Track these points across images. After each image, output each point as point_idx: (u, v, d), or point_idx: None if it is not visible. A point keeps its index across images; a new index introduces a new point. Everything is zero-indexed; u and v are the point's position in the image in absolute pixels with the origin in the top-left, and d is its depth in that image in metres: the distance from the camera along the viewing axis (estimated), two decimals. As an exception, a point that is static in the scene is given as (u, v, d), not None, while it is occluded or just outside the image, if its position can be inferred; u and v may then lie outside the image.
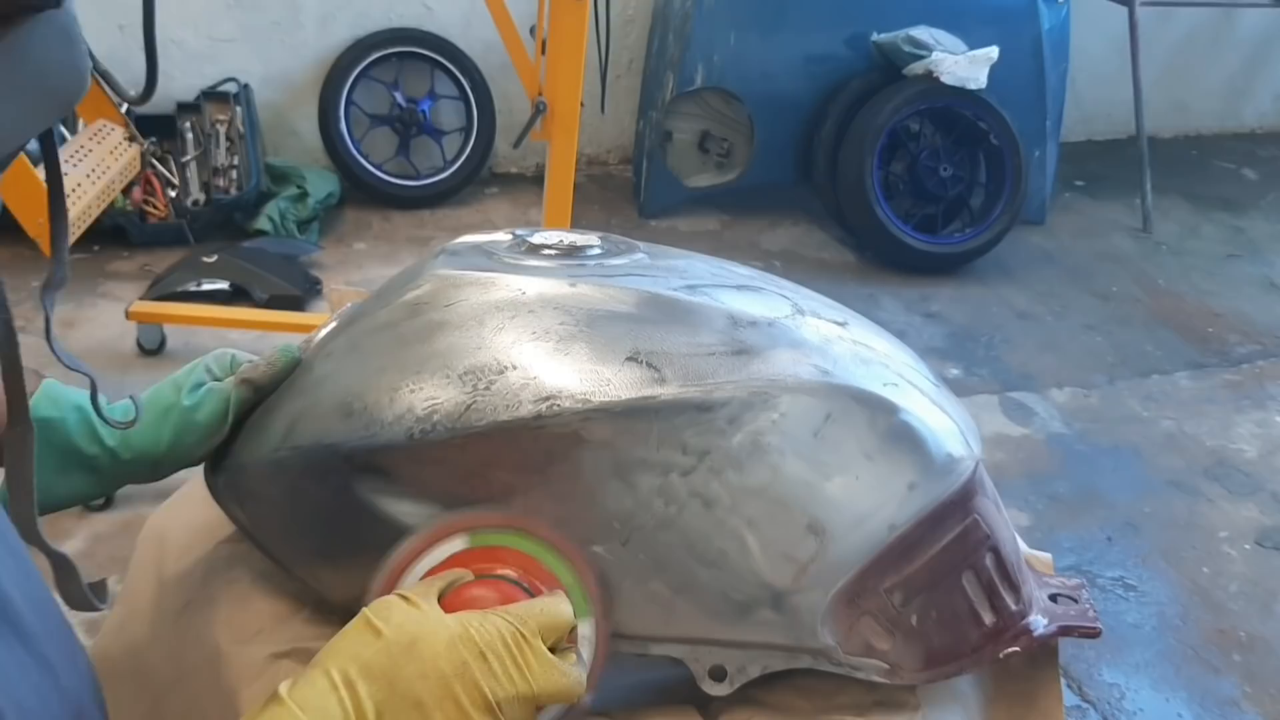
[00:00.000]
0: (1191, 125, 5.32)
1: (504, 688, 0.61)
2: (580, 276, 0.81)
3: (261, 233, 3.44)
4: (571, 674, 0.65)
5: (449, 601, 0.66)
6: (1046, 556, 0.96)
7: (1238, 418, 2.99)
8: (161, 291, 3.02)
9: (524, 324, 0.76)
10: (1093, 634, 0.82)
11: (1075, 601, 0.86)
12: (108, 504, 2.27)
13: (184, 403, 0.79)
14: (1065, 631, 0.81)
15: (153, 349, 2.88)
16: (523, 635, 0.63)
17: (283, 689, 0.59)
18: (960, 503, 0.78)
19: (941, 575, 0.77)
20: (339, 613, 0.78)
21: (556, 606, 0.67)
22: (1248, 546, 2.47)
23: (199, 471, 0.84)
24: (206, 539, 0.90)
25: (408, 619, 0.62)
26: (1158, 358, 3.30)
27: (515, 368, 0.73)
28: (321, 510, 0.77)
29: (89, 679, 0.64)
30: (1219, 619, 2.24)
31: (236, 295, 3.10)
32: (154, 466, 0.79)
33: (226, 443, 0.81)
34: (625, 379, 0.73)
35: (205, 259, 3.15)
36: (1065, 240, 4.07)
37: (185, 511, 0.94)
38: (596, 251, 0.88)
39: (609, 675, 0.73)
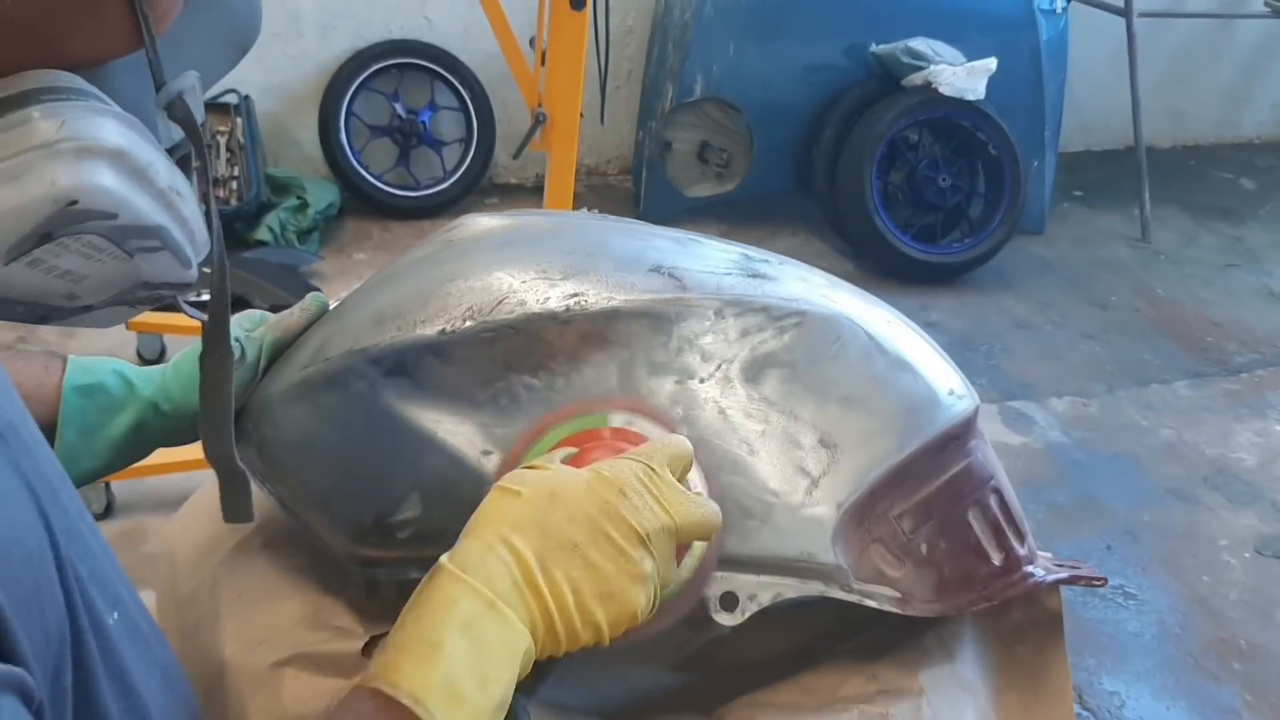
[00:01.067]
0: (1189, 135, 5.33)
1: (647, 519, 0.62)
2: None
3: (262, 243, 3.44)
4: (706, 504, 0.66)
5: (571, 465, 0.68)
6: (1047, 556, 0.97)
7: (1237, 426, 2.99)
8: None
9: (552, 242, 0.81)
10: (1099, 583, 0.82)
11: (1076, 568, 0.87)
12: (108, 512, 2.27)
13: None
14: (1074, 579, 0.81)
15: (153, 358, 2.88)
16: (653, 469, 0.65)
17: (444, 559, 0.60)
18: (963, 437, 0.80)
19: (948, 507, 0.78)
20: (340, 573, 0.78)
21: (675, 440, 0.69)
22: (1247, 555, 2.47)
23: (202, 480, 0.84)
24: (213, 555, 0.90)
25: (541, 477, 0.64)
26: (1157, 367, 3.30)
27: (545, 272, 0.77)
28: (345, 425, 0.78)
29: (186, 681, 0.65)
30: (1219, 627, 2.24)
31: (236, 305, 3.08)
32: (194, 419, 0.81)
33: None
34: (648, 284, 0.77)
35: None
36: (1064, 250, 4.07)
37: (193, 529, 0.94)
38: None
39: (611, 684, 0.73)
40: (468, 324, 0.75)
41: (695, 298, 0.77)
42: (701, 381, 0.76)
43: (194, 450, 0.79)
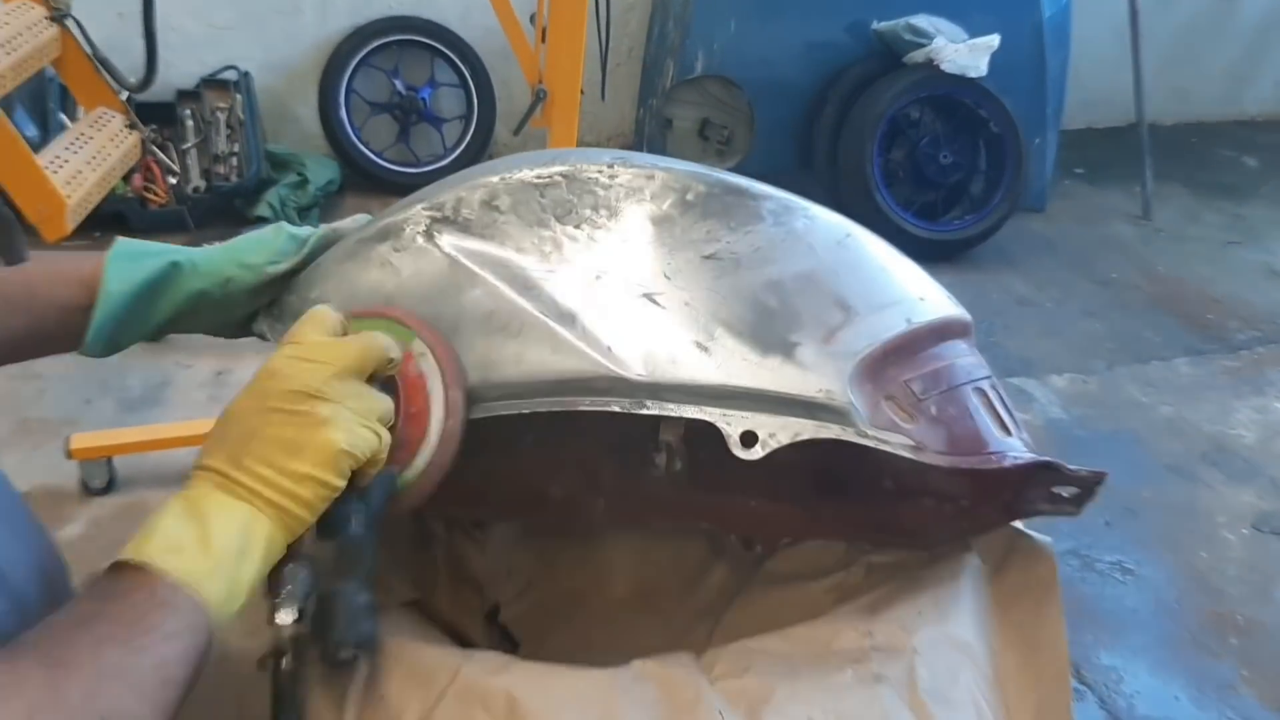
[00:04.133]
0: (1192, 112, 5.32)
1: (306, 377, 0.69)
2: None
3: (262, 219, 3.44)
4: (356, 340, 0.73)
5: None
6: (1046, 540, 0.97)
7: (1236, 403, 3.00)
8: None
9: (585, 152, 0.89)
10: (1098, 479, 0.83)
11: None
12: (110, 487, 2.27)
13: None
14: (1074, 473, 0.82)
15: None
16: (295, 343, 0.72)
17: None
18: (961, 333, 0.87)
19: (953, 383, 0.82)
20: None
21: (313, 310, 0.76)
22: (1245, 531, 2.47)
23: None
24: None
25: (223, 414, 0.71)
26: (1157, 344, 3.30)
27: (587, 158, 0.85)
28: (395, 269, 0.83)
29: (52, 548, 0.74)
30: (1216, 603, 2.25)
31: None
32: (255, 292, 0.87)
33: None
34: (685, 166, 0.86)
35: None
36: (1065, 227, 4.07)
37: None
38: None
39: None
40: (523, 173, 0.83)
41: (729, 179, 0.85)
42: (732, 241, 0.82)
43: (196, 426, 0.80)
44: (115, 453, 2.28)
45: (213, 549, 0.63)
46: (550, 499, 1.01)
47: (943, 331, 0.85)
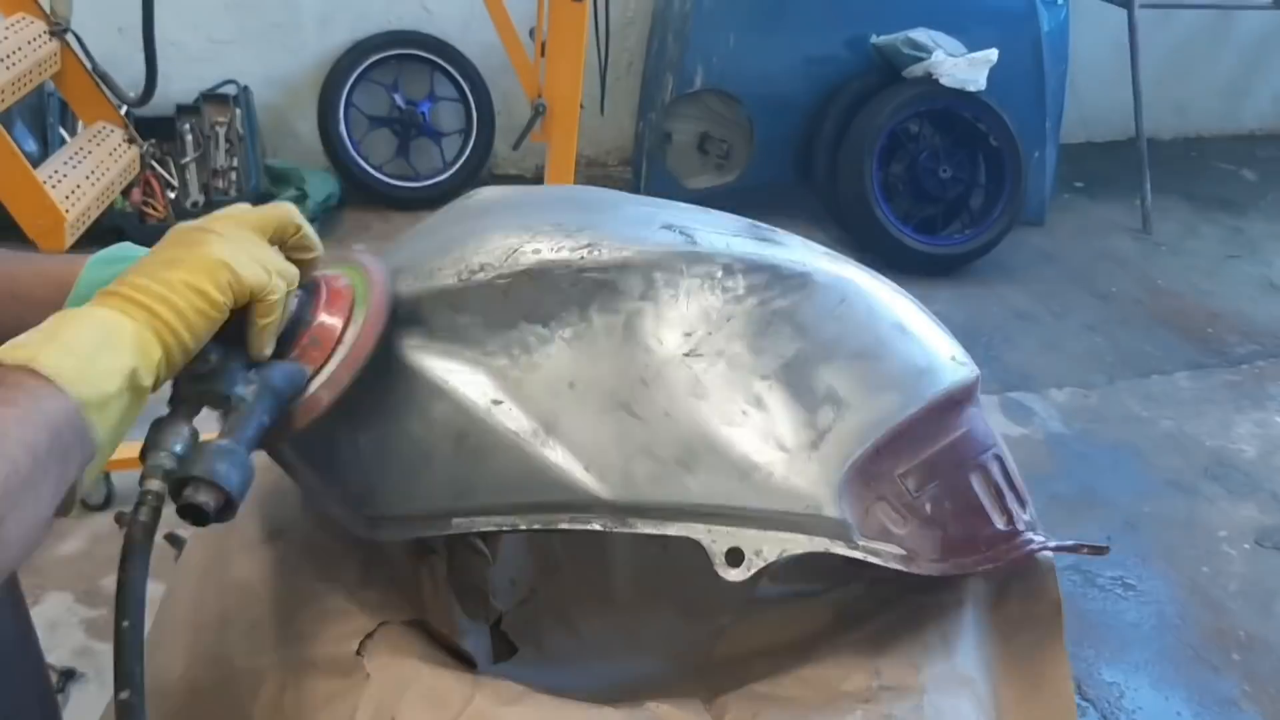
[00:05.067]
0: (1191, 126, 5.32)
1: (198, 224, 0.70)
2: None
3: (261, 234, 3.44)
4: (245, 206, 0.73)
5: None
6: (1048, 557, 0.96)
7: (1237, 417, 2.99)
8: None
9: (565, 204, 0.85)
10: (1101, 551, 0.82)
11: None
12: (107, 503, 2.27)
13: None
14: (1076, 548, 0.81)
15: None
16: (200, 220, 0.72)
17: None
18: (965, 402, 0.82)
19: (951, 468, 0.78)
20: (337, 564, 0.78)
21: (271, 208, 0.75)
22: (1247, 546, 2.47)
23: None
24: (219, 553, 0.90)
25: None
26: (1157, 358, 3.30)
27: (560, 225, 0.79)
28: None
29: None
30: (1218, 618, 2.24)
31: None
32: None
33: None
34: (660, 239, 0.79)
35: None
36: (1065, 241, 4.07)
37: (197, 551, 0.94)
38: None
39: (611, 670, 0.73)
40: (483, 273, 0.77)
41: (706, 252, 0.78)
42: (709, 335, 0.76)
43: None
44: (113, 468, 2.27)
45: (61, 338, 0.60)
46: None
47: (945, 405, 0.80)
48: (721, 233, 0.82)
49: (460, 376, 0.76)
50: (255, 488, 0.81)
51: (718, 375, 0.75)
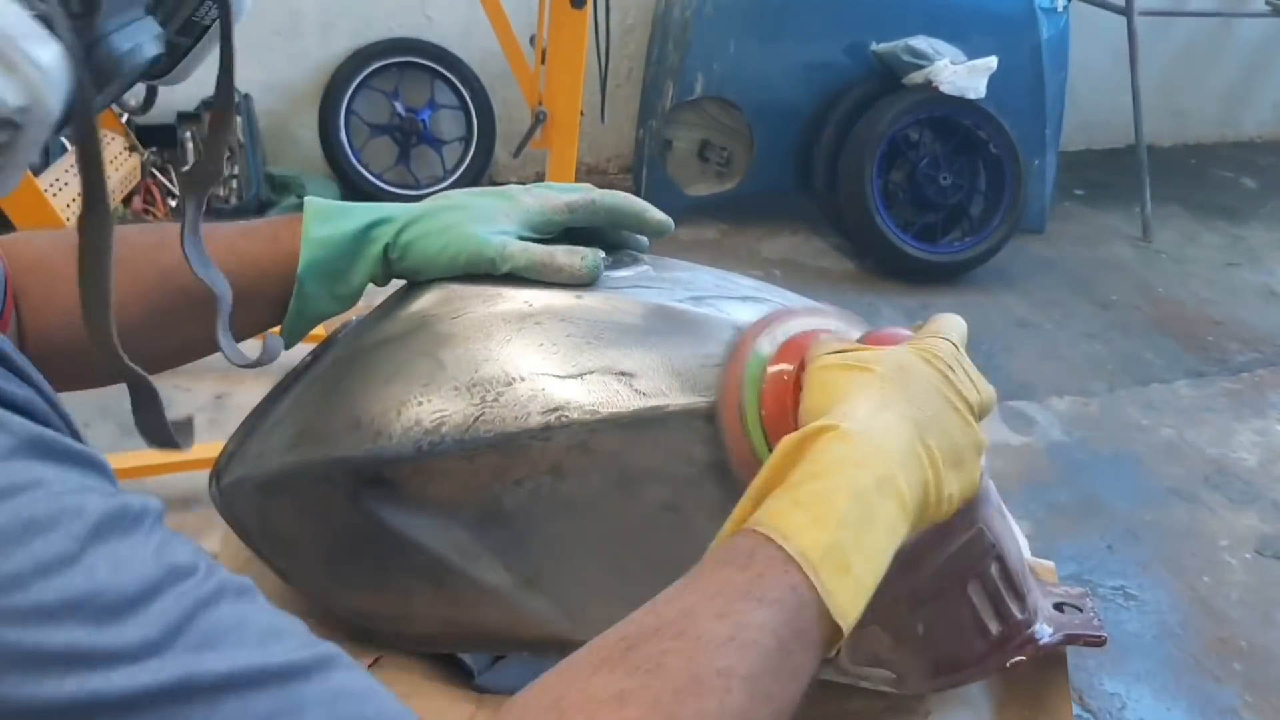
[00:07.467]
0: (1190, 134, 5.33)
1: (970, 393, 0.63)
2: (585, 289, 0.79)
3: (261, 241, 3.44)
4: (992, 389, 0.67)
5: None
6: (1049, 564, 0.96)
7: (1238, 426, 2.99)
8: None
9: (530, 336, 0.75)
10: (1098, 643, 0.81)
11: (1080, 610, 0.85)
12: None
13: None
14: (1071, 640, 0.81)
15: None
16: (957, 346, 0.65)
17: (834, 420, 0.58)
18: (965, 512, 0.76)
19: (947, 585, 0.76)
20: (340, 626, 0.78)
21: (957, 319, 0.68)
22: (1248, 555, 2.46)
23: (205, 480, 0.84)
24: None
25: (879, 354, 0.63)
26: (1158, 366, 3.30)
27: (523, 379, 0.72)
28: (328, 522, 0.77)
29: None
30: (1219, 628, 2.24)
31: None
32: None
33: (227, 453, 0.81)
34: (633, 390, 0.72)
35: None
36: (1065, 248, 4.07)
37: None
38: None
39: None
40: (446, 442, 0.71)
41: (682, 404, 0.72)
42: (690, 486, 0.72)
43: (196, 451, 0.78)
44: (116, 477, 2.27)
45: (871, 576, 0.56)
46: None
47: (942, 528, 0.74)
48: (705, 361, 0.75)
49: (433, 533, 0.74)
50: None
51: (702, 528, 0.69)
